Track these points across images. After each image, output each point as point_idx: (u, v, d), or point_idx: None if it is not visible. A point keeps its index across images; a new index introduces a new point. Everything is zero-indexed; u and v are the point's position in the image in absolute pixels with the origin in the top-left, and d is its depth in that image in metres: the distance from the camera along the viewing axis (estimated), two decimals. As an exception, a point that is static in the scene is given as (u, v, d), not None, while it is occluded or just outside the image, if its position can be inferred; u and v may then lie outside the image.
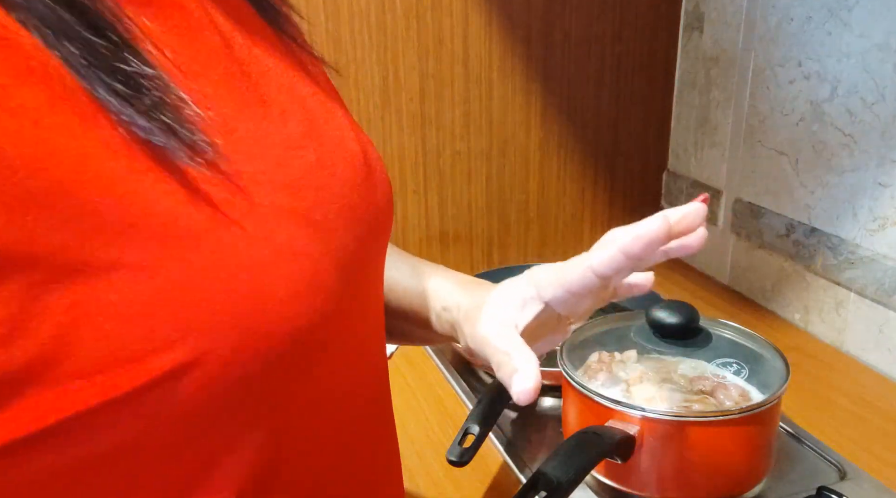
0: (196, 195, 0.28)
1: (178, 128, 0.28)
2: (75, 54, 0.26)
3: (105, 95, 0.26)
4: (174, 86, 0.29)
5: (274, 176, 0.32)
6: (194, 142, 0.28)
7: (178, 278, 0.27)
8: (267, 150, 0.33)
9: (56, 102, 0.25)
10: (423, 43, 1.09)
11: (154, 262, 0.26)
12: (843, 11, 0.91)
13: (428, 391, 0.92)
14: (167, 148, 0.27)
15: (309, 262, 0.31)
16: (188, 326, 0.27)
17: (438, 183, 1.17)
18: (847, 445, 0.79)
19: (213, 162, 0.29)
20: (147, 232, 0.26)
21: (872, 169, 0.91)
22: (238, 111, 0.32)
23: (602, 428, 0.65)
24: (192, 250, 0.27)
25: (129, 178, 0.26)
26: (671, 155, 1.30)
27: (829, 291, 1.00)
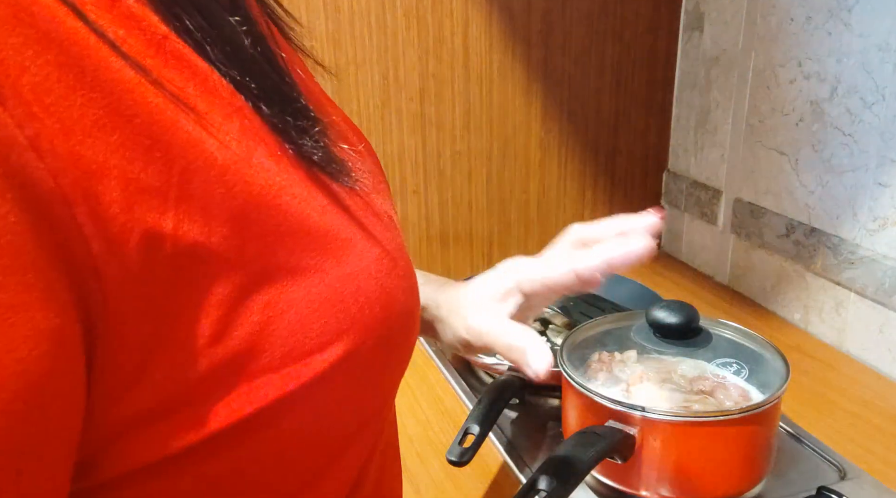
0: (343, 208, 0.33)
1: (332, 152, 0.33)
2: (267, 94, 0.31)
3: (284, 127, 0.31)
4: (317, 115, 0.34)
5: (365, 184, 0.36)
6: (346, 172, 0.34)
7: (341, 280, 0.31)
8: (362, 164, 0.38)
9: (247, 133, 0.29)
10: (423, 43, 1.09)
11: (324, 265, 0.31)
12: (843, 11, 0.91)
13: (428, 391, 0.92)
14: (325, 168, 0.32)
15: (408, 265, 0.36)
16: (349, 320, 0.31)
17: (438, 183, 1.17)
18: (847, 445, 0.79)
19: (354, 185, 0.34)
20: (318, 240, 0.31)
21: (872, 169, 0.91)
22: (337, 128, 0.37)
23: (602, 428, 0.65)
24: (347, 256, 0.32)
25: (303, 196, 0.31)
26: (671, 155, 1.30)
27: (829, 291, 1.00)
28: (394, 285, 0.34)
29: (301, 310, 0.30)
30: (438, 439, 0.82)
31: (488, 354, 0.64)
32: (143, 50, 0.27)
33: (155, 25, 0.27)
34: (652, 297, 1.02)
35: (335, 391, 0.32)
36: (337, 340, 0.31)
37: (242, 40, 0.31)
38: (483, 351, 0.59)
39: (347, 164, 0.34)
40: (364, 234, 0.33)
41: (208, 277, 0.27)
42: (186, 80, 0.28)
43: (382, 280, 0.33)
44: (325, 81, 1.06)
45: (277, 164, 0.30)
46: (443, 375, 0.95)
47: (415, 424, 0.85)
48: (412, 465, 0.78)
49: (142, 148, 0.25)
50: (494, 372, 0.91)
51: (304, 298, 0.30)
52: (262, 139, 0.30)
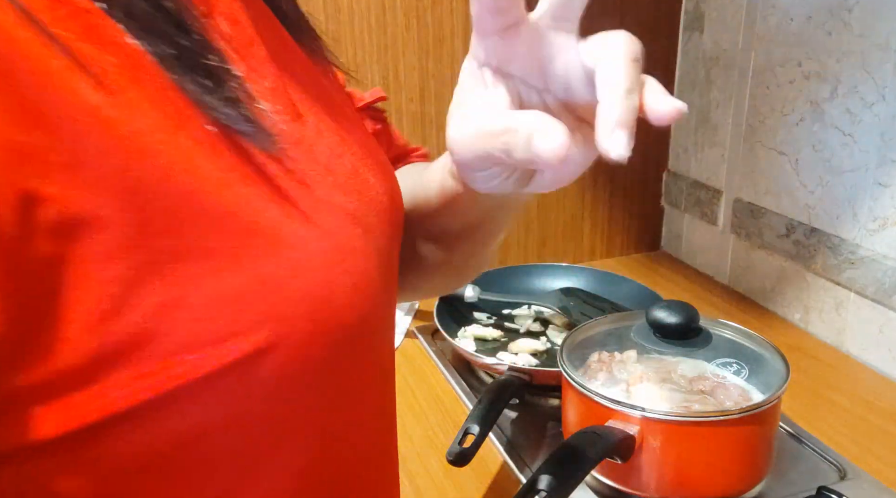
0: (275, 190, 0.31)
1: (256, 119, 0.31)
2: (165, 50, 0.28)
3: (193, 89, 0.29)
4: (247, 83, 0.32)
5: (325, 176, 0.34)
6: (267, 134, 0.31)
7: (262, 268, 0.29)
8: (314, 155, 0.35)
9: (154, 101, 0.27)
10: (423, 43, 1.09)
11: (242, 252, 0.29)
12: (843, 11, 0.91)
13: (428, 391, 0.92)
14: (248, 136, 0.30)
15: (362, 258, 0.34)
16: (269, 312, 0.29)
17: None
18: (847, 445, 0.79)
19: (282, 157, 0.31)
20: (237, 224, 0.29)
21: (872, 169, 0.91)
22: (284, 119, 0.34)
23: (602, 428, 0.65)
24: (274, 243, 0.30)
25: (220, 173, 0.29)
26: (671, 155, 1.30)
27: (829, 291, 1.00)
28: (333, 282, 0.32)
29: (209, 296, 0.28)
30: (438, 439, 0.82)
31: None
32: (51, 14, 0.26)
33: None
34: (652, 297, 1.02)
35: (248, 387, 0.30)
36: (250, 333, 0.29)
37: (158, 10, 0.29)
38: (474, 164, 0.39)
39: (274, 135, 0.31)
40: (299, 222, 0.31)
41: (101, 251, 0.26)
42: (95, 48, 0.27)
43: (317, 274, 0.31)
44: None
45: (194, 137, 0.28)
46: (443, 375, 0.95)
47: (415, 424, 0.85)
48: (412, 465, 0.78)
49: (28, 111, 0.24)
50: (494, 372, 0.91)
51: (215, 285, 0.28)
52: (180, 111, 0.28)
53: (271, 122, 0.32)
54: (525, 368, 0.86)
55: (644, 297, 1.03)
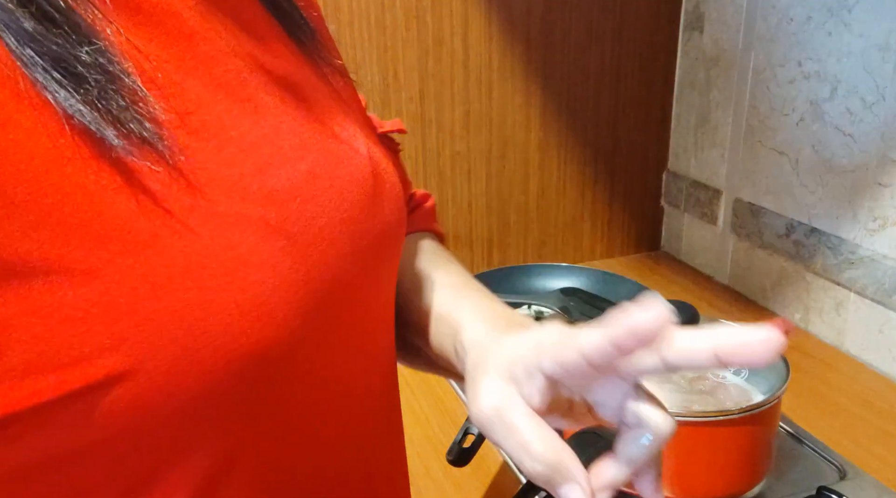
0: (151, 198, 0.27)
1: (133, 125, 0.27)
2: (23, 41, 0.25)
3: (46, 83, 0.25)
4: (135, 80, 0.27)
5: (250, 184, 0.30)
6: (150, 140, 0.27)
7: (119, 284, 0.26)
8: (250, 156, 0.31)
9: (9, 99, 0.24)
10: (423, 43, 1.09)
11: (97, 266, 0.25)
12: (843, 11, 0.91)
13: (428, 391, 0.92)
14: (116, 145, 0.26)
15: (272, 276, 0.29)
16: (123, 334, 0.26)
17: (438, 183, 1.17)
18: (847, 445, 0.79)
19: (171, 164, 0.28)
20: (94, 234, 0.25)
21: (872, 169, 0.91)
22: (226, 116, 0.31)
23: (602, 428, 0.65)
24: (138, 256, 0.26)
25: (78, 177, 0.25)
26: (671, 155, 1.30)
27: (829, 291, 1.00)
28: (212, 300, 0.28)
29: (51, 314, 0.25)
30: (438, 439, 0.82)
31: None
32: None
33: None
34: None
35: (106, 417, 0.26)
36: (101, 356, 0.26)
37: None
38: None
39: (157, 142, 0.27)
40: (170, 233, 0.27)
41: None
42: None
43: (190, 292, 0.27)
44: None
45: (45, 143, 0.25)
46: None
47: (415, 424, 0.85)
48: (412, 465, 0.78)
49: None
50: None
51: (57, 303, 0.25)
52: (29, 106, 0.25)
53: (168, 129, 0.28)
54: (525, 368, 0.86)
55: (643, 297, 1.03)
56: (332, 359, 0.34)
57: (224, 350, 0.28)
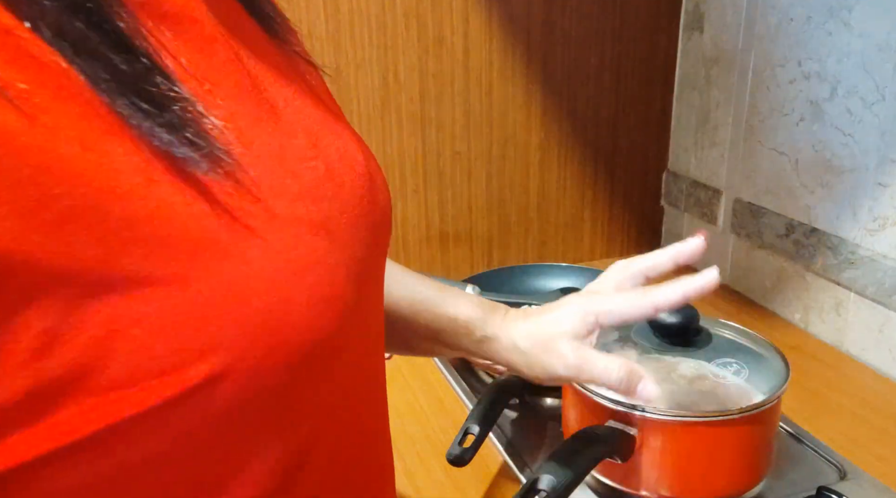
0: (219, 208, 0.29)
1: (199, 141, 0.29)
2: (100, 74, 0.26)
3: (129, 113, 0.27)
4: (194, 99, 0.29)
5: (290, 187, 0.32)
6: (215, 153, 0.29)
7: (207, 291, 0.27)
8: (281, 161, 0.33)
9: (85, 119, 0.26)
10: (423, 43, 1.09)
11: (184, 275, 0.27)
12: (843, 11, 0.91)
13: (428, 391, 0.92)
14: (188, 160, 0.28)
15: (326, 272, 0.32)
16: (217, 338, 0.28)
17: (438, 183, 1.17)
18: (847, 445, 0.79)
19: (233, 173, 0.30)
20: (177, 246, 0.27)
21: (872, 169, 0.91)
22: (252, 123, 0.32)
23: (602, 428, 0.65)
24: (219, 263, 0.28)
25: (157, 194, 0.27)
26: (671, 155, 1.30)
27: (829, 291, 1.00)
28: (289, 300, 0.30)
29: (152, 325, 0.26)
30: (438, 439, 0.82)
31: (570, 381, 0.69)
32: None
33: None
34: (652, 297, 1.02)
35: (203, 418, 0.28)
36: (200, 360, 0.27)
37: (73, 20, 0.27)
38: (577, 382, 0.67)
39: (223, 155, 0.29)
40: (246, 239, 0.29)
41: (25, 288, 0.24)
42: (16, 71, 0.25)
43: (270, 294, 0.29)
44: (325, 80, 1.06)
45: (129, 160, 0.26)
46: (443, 375, 0.95)
47: (415, 424, 0.85)
48: (412, 465, 0.78)
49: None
50: (494, 372, 0.91)
51: (157, 312, 0.26)
52: (113, 134, 0.26)
53: (223, 140, 0.30)
54: (525, 368, 0.86)
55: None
56: (364, 345, 0.38)
57: (298, 343, 0.30)
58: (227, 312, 0.28)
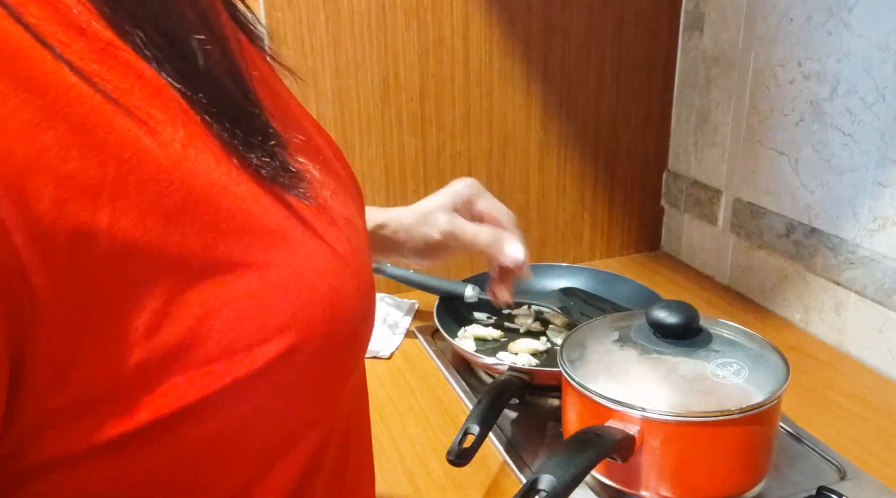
0: (292, 212, 0.34)
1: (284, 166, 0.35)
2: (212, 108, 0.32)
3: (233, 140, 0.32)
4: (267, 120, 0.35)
5: (335, 188, 0.39)
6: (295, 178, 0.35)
7: (282, 279, 0.32)
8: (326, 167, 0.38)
9: (194, 138, 0.31)
10: (423, 43, 1.09)
11: (266, 263, 0.32)
12: (843, 11, 0.92)
13: (428, 391, 0.92)
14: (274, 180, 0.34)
15: (362, 268, 0.38)
16: (291, 317, 0.32)
17: (438, 183, 1.17)
18: (847, 445, 0.79)
19: (306, 191, 0.35)
20: (260, 239, 0.32)
21: (872, 169, 0.91)
22: (288, 125, 0.38)
23: (602, 428, 0.65)
24: (291, 256, 0.33)
25: (247, 196, 0.32)
26: (671, 155, 1.30)
27: (829, 291, 1.00)
28: (342, 286, 0.35)
29: (241, 305, 0.31)
30: (438, 439, 0.82)
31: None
32: (83, 54, 0.28)
33: (98, 31, 0.29)
34: (652, 297, 1.02)
35: (276, 387, 0.32)
36: (278, 336, 0.31)
37: (197, 57, 0.32)
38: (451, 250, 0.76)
39: (301, 179, 0.36)
40: (311, 236, 0.34)
41: (144, 272, 0.28)
42: (130, 84, 0.29)
43: (329, 280, 0.34)
44: (325, 82, 1.06)
45: (222, 167, 0.31)
46: (443, 375, 0.95)
47: (415, 424, 0.85)
48: (412, 465, 0.78)
49: (76, 146, 0.26)
50: (494, 372, 0.91)
51: (245, 294, 0.31)
52: (209, 146, 0.31)
53: (308, 173, 0.36)
54: (525, 368, 0.86)
55: (644, 297, 1.03)
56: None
57: (350, 322, 0.36)
58: (298, 297, 0.33)
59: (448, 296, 1.04)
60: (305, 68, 1.04)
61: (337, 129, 1.08)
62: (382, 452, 0.80)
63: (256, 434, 0.33)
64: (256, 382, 0.31)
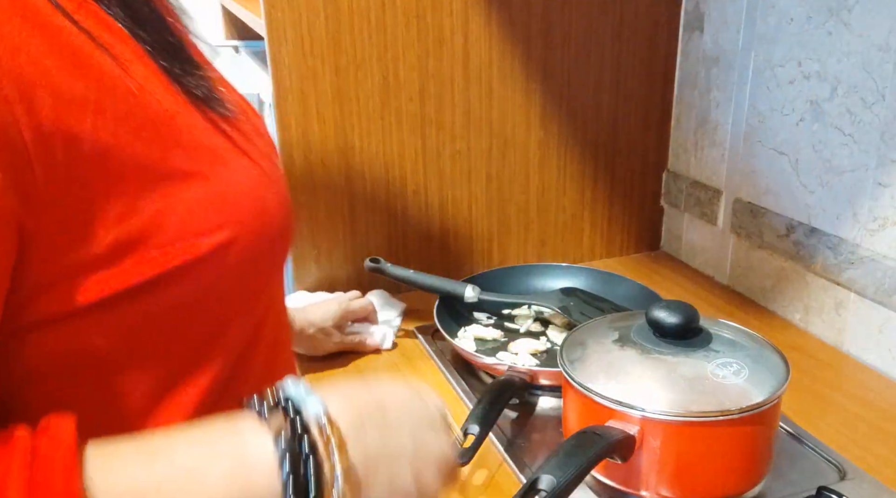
0: (226, 134, 0.45)
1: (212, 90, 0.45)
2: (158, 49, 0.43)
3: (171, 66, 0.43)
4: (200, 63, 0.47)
5: (251, 131, 0.49)
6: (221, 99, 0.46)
7: (222, 187, 0.42)
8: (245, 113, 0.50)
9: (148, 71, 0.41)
10: (423, 43, 1.09)
11: (208, 175, 0.42)
12: (843, 11, 0.92)
13: (428, 391, 0.92)
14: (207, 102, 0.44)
15: (281, 187, 0.49)
16: (228, 217, 0.42)
17: (438, 183, 1.17)
18: (847, 445, 0.79)
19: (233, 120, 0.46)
20: (204, 155, 0.42)
21: (872, 169, 0.91)
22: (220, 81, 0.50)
23: (602, 428, 0.65)
24: (228, 170, 0.43)
25: (190, 119, 0.43)
26: (671, 155, 1.30)
27: (829, 291, 1.00)
28: (267, 195, 0.46)
29: (189, 205, 0.40)
30: (438, 439, 0.82)
31: None
32: (70, 5, 0.38)
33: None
34: (652, 297, 1.02)
35: (218, 271, 0.42)
36: (217, 231, 0.41)
37: (140, 5, 0.43)
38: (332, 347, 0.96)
39: (225, 101, 0.46)
40: (241, 155, 0.45)
41: (117, 172, 0.37)
42: (102, 29, 0.39)
43: (257, 191, 0.45)
44: (325, 82, 1.06)
45: (169, 97, 0.42)
46: (443, 375, 0.95)
47: (415, 424, 0.85)
48: (412, 465, 0.78)
49: (69, 71, 0.36)
50: (494, 372, 0.91)
51: (192, 197, 0.41)
52: (158, 78, 0.42)
53: (224, 100, 0.46)
54: (525, 368, 0.86)
55: (644, 297, 1.03)
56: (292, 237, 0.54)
57: (275, 226, 0.46)
58: (233, 202, 0.43)
59: (448, 296, 1.04)
60: (305, 68, 1.04)
61: (337, 129, 1.08)
62: (382, 452, 0.80)
63: (206, 307, 0.43)
64: (202, 265, 0.41)
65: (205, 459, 0.36)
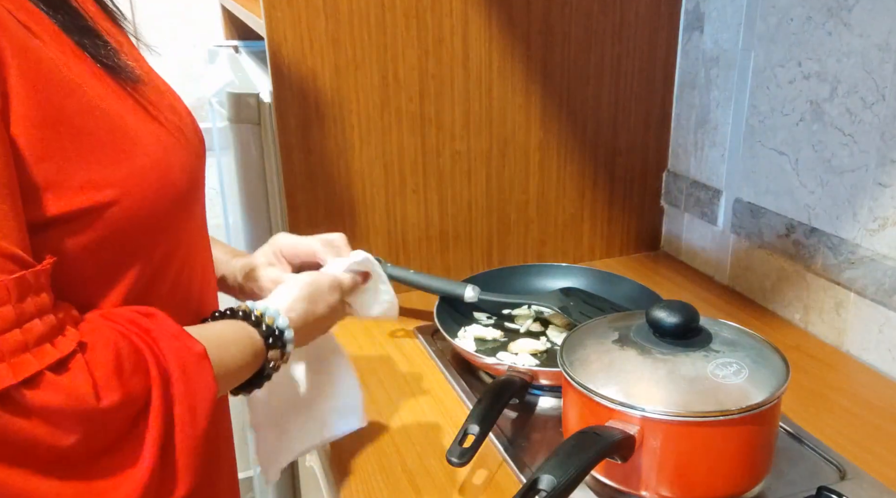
0: (136, 103, 0.53)
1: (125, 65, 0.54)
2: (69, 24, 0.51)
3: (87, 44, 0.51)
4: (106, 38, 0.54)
5: (163, 103, 0.57)
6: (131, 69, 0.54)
7: (120, 151, 0.50)
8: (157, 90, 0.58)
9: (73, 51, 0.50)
10: (423, 43, 1.09)
11: (112, 141, 0.50)
12: (843, 11, 0.92)
13: (428, 391, 0.92)
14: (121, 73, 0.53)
15: (186, 154, 0.56)
16: (114, 176, 0.50)
17: (438, 183, 1.17)
18: (847, 445, 0.79)
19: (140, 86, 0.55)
20: (111, 123, 0.50)
21: (872, 169, 0.91)
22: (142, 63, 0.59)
23: (602, 428, 0.65)
24: (132, 137, 0.51)
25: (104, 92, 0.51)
26: (671, 155, 1.30)
27: (829, 291, 1.00)
28: (172, 164, 0.54)
29: (87, 163, 0.48)
30: (438, 439, 0.82)
31: None
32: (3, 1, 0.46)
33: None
34: (652, 297, 1.02)
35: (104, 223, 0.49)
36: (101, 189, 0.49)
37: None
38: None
39: (135, 71, 0.54)
40: (152, 125, 0.54)
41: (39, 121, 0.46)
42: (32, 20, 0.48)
43: (161, 157, 0.53)
44: (325, 82, 1.06)
45: (94, 79, 0.50)
46: (443, 375, 0.95)
47: (415, 424, 0.85)
48: (412, 465, 0.78)
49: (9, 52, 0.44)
50: (494, 372, 0.91)
51: (89, 157, 0.48)
52: (79, 55, 0.50)
53: (132, 67, 0.54)
54: (525, 368, 0.86)
55: (644, 297, 1.03)
56: (202, 216, 0.63)
57: (175, 189, 0.54)
58: (125, 162, 0.50)
59: (448, 296, 1.04)
60: (305, 68, 1.04)
61: (337, 129, 1.08)
62: (382, 452, 0.80)
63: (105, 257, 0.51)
64: (97, 218, 0.49)
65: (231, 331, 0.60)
